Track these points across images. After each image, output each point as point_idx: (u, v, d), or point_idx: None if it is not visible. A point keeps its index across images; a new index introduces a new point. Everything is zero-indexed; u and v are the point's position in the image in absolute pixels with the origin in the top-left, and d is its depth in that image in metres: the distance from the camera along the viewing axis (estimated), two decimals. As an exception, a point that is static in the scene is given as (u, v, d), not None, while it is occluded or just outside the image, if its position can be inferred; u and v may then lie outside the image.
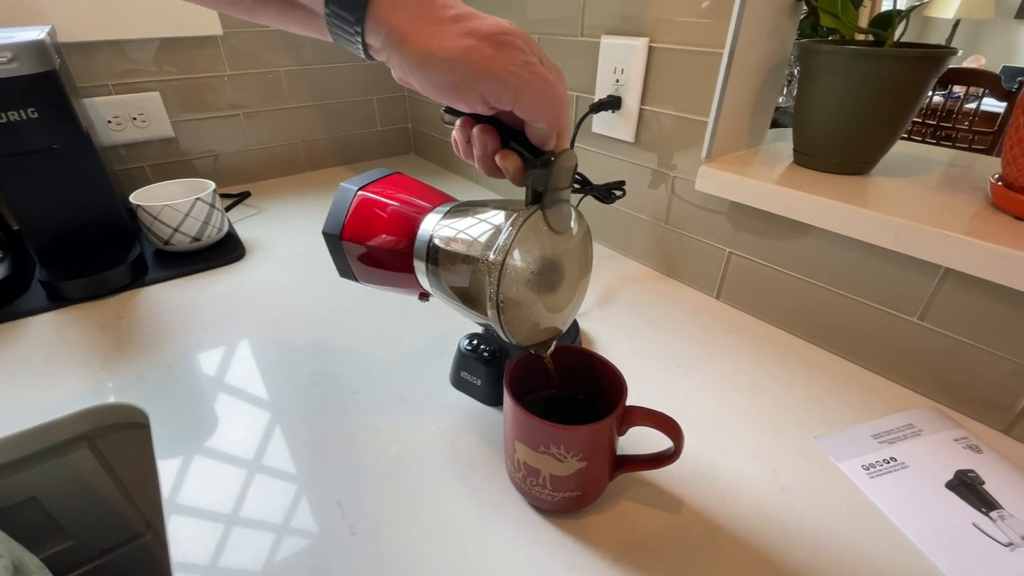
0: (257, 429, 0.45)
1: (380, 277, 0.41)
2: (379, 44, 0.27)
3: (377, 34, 0.27)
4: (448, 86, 0.27)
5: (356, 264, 0.41)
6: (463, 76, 0.27)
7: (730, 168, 0.54)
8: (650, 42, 0.59)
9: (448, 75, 0.27)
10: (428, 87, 0.28)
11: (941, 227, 0.41)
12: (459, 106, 0.29)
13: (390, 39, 0.27)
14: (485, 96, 0.27)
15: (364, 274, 0.42)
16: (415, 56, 0.27)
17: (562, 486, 0.34)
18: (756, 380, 0.50)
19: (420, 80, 0.28)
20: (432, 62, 0.27)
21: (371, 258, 0.40)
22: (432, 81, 0.28)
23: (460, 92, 0.28)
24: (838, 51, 0.48)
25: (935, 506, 0.37)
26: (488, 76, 0.27)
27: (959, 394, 0.46)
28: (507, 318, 0.31)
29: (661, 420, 0.34)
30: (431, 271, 0.37)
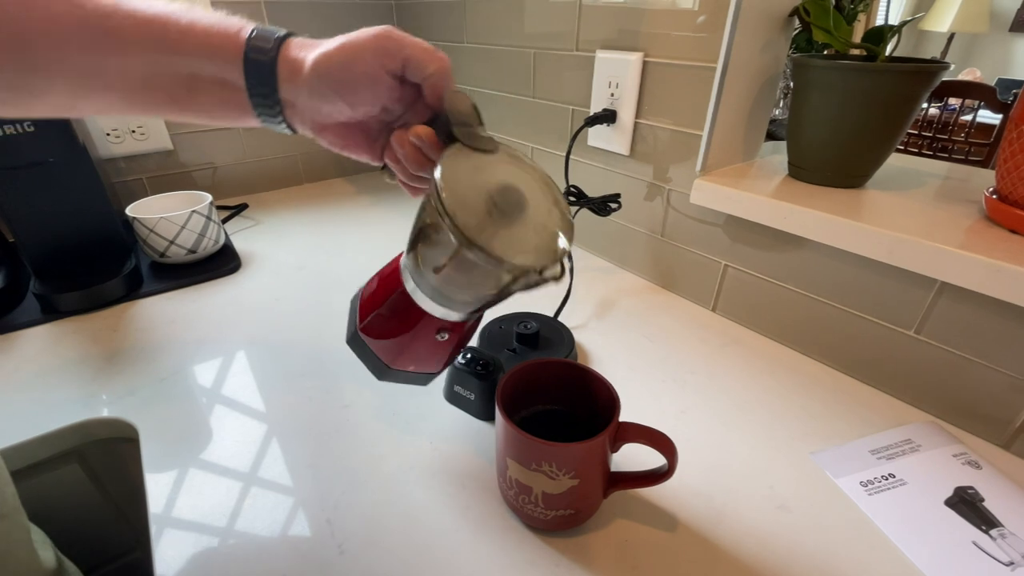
0: (248, 444, 0.44)
1: (404, 342, 0.37)
2: (289, 89, 0.32)
3: (286, 83, 0.31)
4: (347, 69, 0.31)
5: (382, 349, 0.37)
6: (355, 55, 0.31)
7: (725, 181, 0.54)
8: (644, 57, 0.59)
9: (343, 62, 0.31)
10: (334, 84, 0.31)
11: (935, 241, 0.41)
12: (365, 95, 0.32)
13: (294, 70, 0.31)
14: (380, 66, 0.31)
15: (392, 352, 0.37)
16: (314, 66, 0.31)
17: (555, 504, 0.34)
18: (752, 394, 0.50)
19: (327, 84, 0.31)
20: (329, 58, 0.31)
21: (383, 324, 0.36)
22: (335, 76, 0.31)
23: (358, 70, 0.31)
24: (830, 66, 0.48)
25: (934, 524, 0.36)
26: (374, 46, 0.31)
27: (957, 409, 0.46)
28: (482, 238, 0.28)
29: (654, 437, 0.33)
30: (415, 277, 0.34)
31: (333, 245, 0.81)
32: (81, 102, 0.32)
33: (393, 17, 1.04)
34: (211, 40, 0.31)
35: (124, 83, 0.31)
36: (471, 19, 0.84)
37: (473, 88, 0.90)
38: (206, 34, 0.31)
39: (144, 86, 0.31)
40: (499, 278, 0.30)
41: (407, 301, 0.35)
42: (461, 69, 0.91)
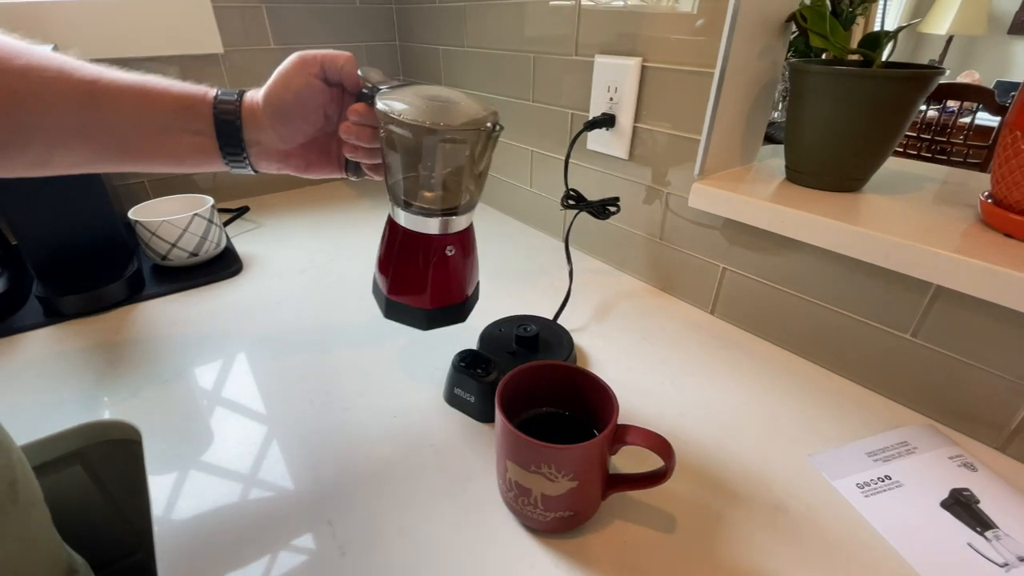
0: (249, 446, 0.45)
1: (425, 278, 0.43)
2: (252, 129, 0.39)
3: (249, 124, 0.39)
4: (288, 89, 0.38)
5: (413, 299, 0.44)
6: (287, 77, 0.38)
7: (723, 185, 0.55)
8: (643, 61, 0.60)
9: (283, 85, 0.38)
10: (284, 105, 0.38)
11: (931, 245, 0.41)
12: (308, 104, 0.39)
13: (253, 111, 0.38)
14: (307, 76, 0.38)
15: (421, 295, 0.43)
16: (266, 98, 0.38)
17: (554, 506, 0.34)
18: (750, 397, 0.50)
19: (279, 107, 0.38)
20: (272, 88, 0.38)
21: (401, 275, 0.43)
22: (282, 98, 0.38)
23: (295, 86, 0.38)
24: (826, 71, 0.49)
25: (930, 526, 0.37)
26: (296, 65, 0.38)
27: (953, 411, 0.46)
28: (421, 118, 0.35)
29: (652, 439, 0.33)
30: (397, 203, 0.40)
31: (334, 248, 0.81)
32: (57, 157, 0.36)
33: (394, 22, 1.05)
34: (184, 100, 0.37)
35: (102, 138, 0.36)
36: (471, 24, 0.84)
37: (473, 92, 0.90)
38: (179, 95, 0.37)
39: (119, 140, 0.36)
40: (460, 145, 0.37)
41: (407, 240, 0.41)
42: (461, 73, 0.92)
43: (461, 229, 0.42)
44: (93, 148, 0.36)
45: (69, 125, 0.34)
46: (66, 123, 0.34)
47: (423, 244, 0.41)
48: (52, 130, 0.34)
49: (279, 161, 0.42)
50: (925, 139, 2.25)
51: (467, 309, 0.46)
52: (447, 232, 0.40)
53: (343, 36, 1.01)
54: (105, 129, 0.36)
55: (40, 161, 0.36)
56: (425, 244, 0.41)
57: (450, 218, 0.40)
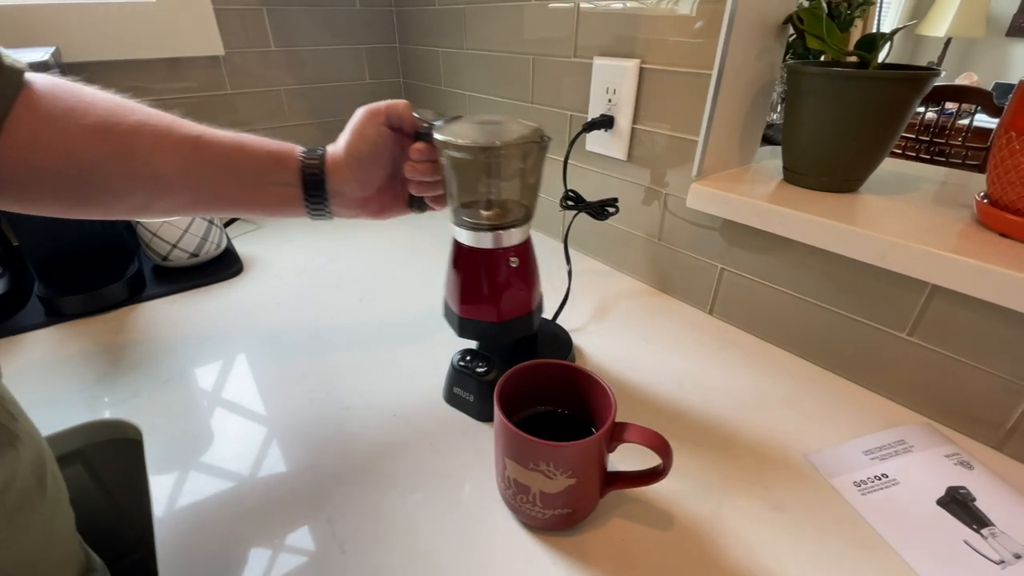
0: (250, 445, 0.45)
1: (496, 291, 0.46)
2: (335, 180, 0.43)
3: (333, 176, 0.43)
4: (364, 140, 0.42)
5: (485, 312, 0.47)
6: (361, 130, 0.42)
7: (720, 186, 0.55)
8: (641, 63, 0.60)
9: (359, 137, 0.42)
10: (364, 155, 0.43)
11: (927, 244, 0.42)
12: (382, 151, 0.43)
13: (336, 164, 0.43)
14: (376, 125, 0.42)
15: (493, 308, 0.46)
16: (347, 151, 0.42)
17: (552, 503, 0.34)
18: (748, 396, 0.50)
19: (361, 157, 0.43)
20: (351, 142, 0.42)
21: (473, 295, 0.46)
22: (361, 150, 0.42)
23: (370, 137, 0.42)
24: (822, 73, 0.49)
25: (927, 523, 0.37)
26: (366, 118, 0.42)
27: (950, 410, 0.46)
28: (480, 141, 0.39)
29: (650, 437, 0.34)
30: (463, 227, 0.44)
31: (334, 249, 0.82)
32: (158, 202, 0.39)
33: (394, 24, 1.06)
34: (274, 155, 0.42)
35: (200, 187, 0.40)
36: (471, 26, 0.85)
37: (472, 93, 0.91)
38: (270, 151, 0.42)
39: (213, 189, 0.40)
40: (514, 159, 0.41)
41: (474, 258, 0.44)
42: (461, 75, 0.92)
43: (522, 241, 0.45)
44: (192, 196, 0.40)
45: (173, 175, 0.38)
46: (171, 173, 0.38)
47: (489, 259, 0.44)
48: (158, 179, 0.38)
49: (357, 208, 0.46)
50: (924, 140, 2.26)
51: (535, 319, 0.49)
52: (509, 245, 0.44)
53: (344, 39, 1.01)
54: (204, 180, 0.39)
55: (142, 206, 0.39)
56: (490, 259, 0.44)
57: (511, 231, 0.43)
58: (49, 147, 0.34)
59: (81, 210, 0.38)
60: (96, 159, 0.35)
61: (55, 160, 0.34)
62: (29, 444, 0.32)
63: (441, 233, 0.57)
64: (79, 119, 0.34)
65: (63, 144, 0.34)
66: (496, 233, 0.43)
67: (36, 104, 0.33)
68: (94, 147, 0.35)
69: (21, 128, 0.33)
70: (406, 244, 0.84)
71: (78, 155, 0.35)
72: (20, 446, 0.31)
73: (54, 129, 0.34)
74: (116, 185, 0.37)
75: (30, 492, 0.31)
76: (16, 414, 0.33)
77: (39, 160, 0.34)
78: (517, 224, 0.44)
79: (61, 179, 0.35)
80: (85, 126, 0.35)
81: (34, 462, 0.32)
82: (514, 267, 0.45)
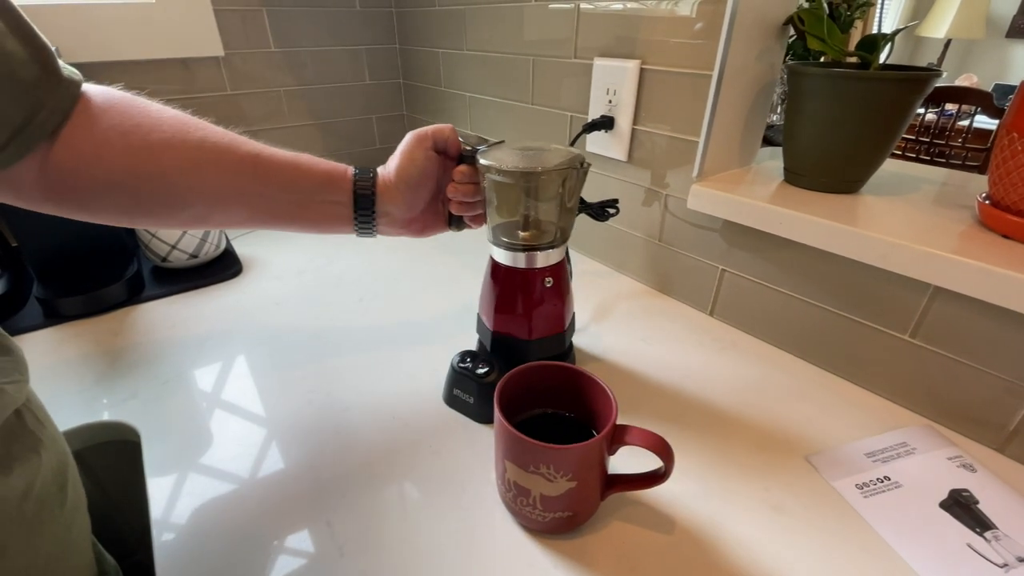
0: (249, 447, 0.45)
1: (528, 309, 0.48)
2: (384, 202, 0.45)
3: (383, 198, 0.45)
4: (414, 164, 0.44)
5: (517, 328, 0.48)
6: (411, 154, 0.44)
7: (721, 187, 0.55)
8: (641, 64, 0.60)
9: (409, 160, 0.44)
10: (414, 178, 0.45)
11: (929, 246, 0.41)
12: (430, 173, 0.45)
13: (387, 186, 0.45)
14: (424, 150, 0.44)
15: (525, 325, 0.48)
16: (398, 173, 0.44)
17: (553, 506, 0.34)
18: (749, 398, 0.50)
19: (410, 180, 0.45)
20: (402, 166, 0.44)
21: (507, 310, 0.48)
22: (411, 174, 0.44)
23: (419, 160, 0.44)
24: (823, 74, 0.49)
25: (930, 526, 0.37)
26: (415, 143, 0.44)
27: (952, 412, 0.46)
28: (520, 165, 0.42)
29: (651, 440, 0.33)
30: (501, 246, 0.46)
31: (334, 250, 0.82)
32: (215, 216, 0.41)
33: (394, 25, 1.05)
34: (328, 175, 0.43)
35: (256, 203, 0.41)
36: (471, 27, 0.85)
37: (472, 94, 0.91)
38: (324, 171, 0.43)
39: (269, 205, 0.42)
40: (555, 183, 0.43)
41: (511, 277, 0.46)
42: (461, 76, 0.92)
43: (557, 262, 0.46)
44: (248, 212, 0.41)
45: (231, 191, 0.40)
46: (229, 189, 0.40)
47: (523, 278, 0.46)
48: (217, 194, 0.39)
49: (402, 227, 0.48)
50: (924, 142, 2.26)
51: (567, 337, 0.51)
52: (545, 265, 0.46)
53: (343, 40, 1.01)
54: (261, 197, 0.41)
55: (199, 217, 0.41)
56: (524, 278, 0.46)
57: (547, 252, 0.45)
58: (114, 160, 0.35)
59: (141, 220, 0.40)
60: (159, 173, 0.36)
61: (119, 173, 0.35)
62: (52, 450, 0.32)
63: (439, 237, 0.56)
64: (145, 135, 0.36)
65: (128, 158, 0.35)
66: (532, 254, 0.45)
67: (98, 116, 0.34)
68: (158, 163, 0.36)
69: (85, 140, 0.34)
70: (405, 246, 0.83)
71: (142, 169, 0.36)
72: (44, 452, 0.31)
73: (120, 143, 0.35)
74: (176, 199, 0.38)
75: (50, 500, 0.31)
76: (43, 419, 0.32)
77: (104, 173, 0.35)
78: (554, 245, 0.46)
79: (124, 191, 0.36)
80: (151, 142, 0.36)
81: (56, 469, 0.32)
82: (548, 287, 0.47)
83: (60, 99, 0.33)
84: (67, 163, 0.34)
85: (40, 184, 0.34)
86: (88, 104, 0.34)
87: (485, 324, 0.50)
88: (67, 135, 0.33)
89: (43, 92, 0.32)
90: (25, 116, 0.31)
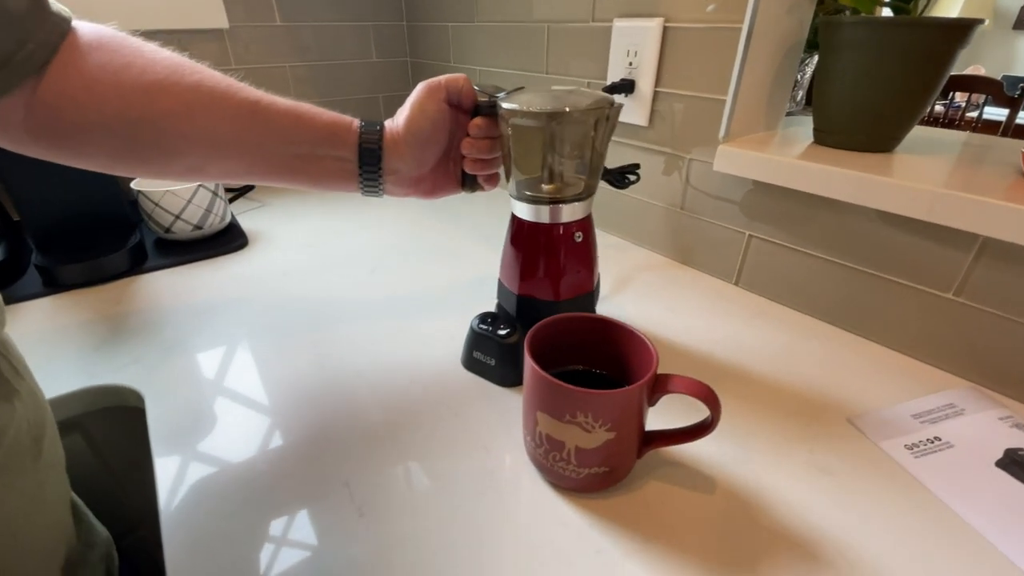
0: (259, 412, 0.42)
1: (561, 267, 0.44)
2: (393, 158, 0.41)
3: (391, 154, 0.41)
4: (425, 117, 0.41)
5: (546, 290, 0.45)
6: (421, 106, 0.41)
7: (749, 147, 0.53)
8: (665, 22, 0.58)
9: (420, 113, 0.41)
10: (425, 132, 0.41)
11: (979, 194, 0.39)
12: (441, 126, 0.42)
13: (395, 141, 0.41)
14: (436, 101, 0.41)
15: (555, 285, 0.44)
16: (407, 127, 0.41)
17: (588, 460, 0.32)
18: (781, 365, 0.48)
19: (421, 134, 0.41)
20: (412, 119, 0.41)
21: (537, 270, 0.44)
22: (422, 127, 0.41)
23: (431, 112, 0.41)
24: (861, 21, 0.47)
25: (987, 485, 0.35)
26: (426, 94, 0.41)
27: (999, 373, 0.44)
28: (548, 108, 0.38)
29: (695, 387, 0.31)
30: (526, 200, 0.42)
31: (341, 224, 0.79)
32: (211, 166, 0.38)
33: (402, 1, 1.03)
34: (331, 127, 0.40)
35: (254, 153, 0.38)
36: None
37: (483, 68, 0.89)
38: (328, 122, 0.40)
39: (268, 157, 0.39)
40: (584, 127, 0.40)
41: (535, 233, 0.43)
42: (472, 50, 0.90)
43: (584, 216, 0.43)
44: (246, 162, 0.39)
45: (228, 139, 0.37)
46: (226, 137, 0.37)
47: (552, 234, 0.43)
48: (213, 142, 0.37)
49: (410, 187, 0.45)
50: (932, 132, 2.23)
51: (595, 298, 0.48)
52: (572, 219, 0.42)
53: (350, 15, 0.99)
54: (259, 147, 0.38)
55: (195, 167, 0.38)
56: (552, 234, 0.43)
57: (573, 205, 0.42)
58: (104, 100, 0.33)
59: (136, 167, 0.37)
60: (152, 117, 0.34)
61: (109, 114, 0.33)
62: (30, 404, 0.30)
63: (447, 207, 0.54)
64: (137, 75, 0.34)
65: (119, 99, 0.33)
66: (558, 207, 0.42)
67: (87, 54, 0.33)
68: (150, 105, 0.34)
69: (74, 77, 0.32)
70: (414, 219, 0.81)
71: (134, 111, 0.34)
72: (18, 402, 0.29)
73: (111, 83, 0.33)
74: (170, 145, 0.36)
75: (22, 453, 0.29)
76: (21, 371, 0.31)
77: (94, 114, 0.33)
78: (581, 198, 0.42)
79: (114, 134, 0.34)
80: (144, 83, 0.34)
81: (32, 422, 0.30)
82: (578, 242, 0.43)
83: (48, 32, 0.31)
84: (55, 101, 0.32)
85: (27, 123, 0.33)
86: (77, 40, 0.33)
87: (508, 288, 0.47)
88: (55, 71, 0.31)
89: (32, 24, 0.30)
90: (11, 48, 0.29)
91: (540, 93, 0.40)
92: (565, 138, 0.41)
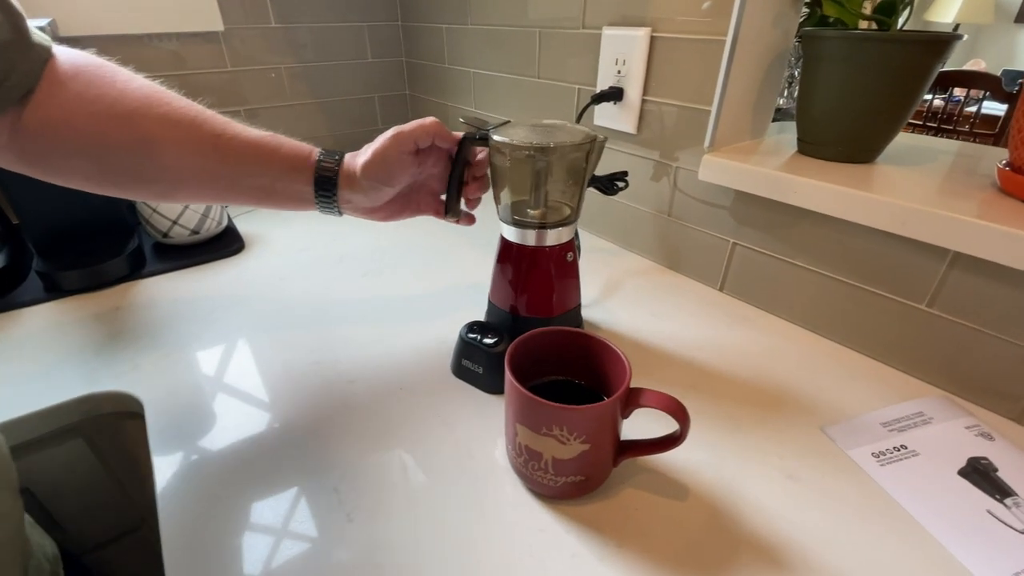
0: (254, 417, 0.44)
1: (551, 286, 0.47)
2: (347, 193, 0.43)
3: (345, 189, 0.43)
4: (384, 165, 0.42)
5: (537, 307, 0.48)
6: (384, 154, 0.42)
7: (733, 157, 0.54)
8: (652, 32, 0.59)
9: (379, 161, 0.42)
10: (380, 178, 0.43)
11: (950, 211, 0.40)
12: (400, 176, 0.43)
13: (351, 179, 0.43)
14: (399, 153, 0.42)
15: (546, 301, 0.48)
16: (363, 171, 0.42)
17: (564, 470, 0.34)
18: (761, 371, 0.49)
19: (375, 180, 0.42)
20: (370, 163, 0.42)
21: (534, 289, 0.47)
22: (377, 173, 0.42)
23: (391, 161, 0.42)
24: (842, 36, 0.48)
25: (949, 493, 0.36)
26: (393, 143, 0.42)
27: (969, 383, 0.45)
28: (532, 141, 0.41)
29: (666, 401, 0.33)
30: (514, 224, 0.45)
31: (335, 227, 0.80)
32: (181, 192, 0.41)
33: (396, 1, 1.03)
34: (292, 160, 0.42)
35: (219, 183, 0.41)
36: (475, 1, 0.83)
37: (477, 70, 0.89)
38: (288, 155, 0.42)
39: (231, 187, 0.41)
40: (572, 160, 0.42)
41: (522, 256, 0.46)
42: (465, 52, 0.91)
43: (569, 239, 0.46)
44: (212, 189, 0.41)
45: (194, 170, 0.39)
46: (191, 168, 0.39)
47: (539, 255, 0.46)
48: (181, 171, 0.39)
49: (364, 215, 0.47)
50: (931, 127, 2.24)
51: (580, 314, 0.52)
52: (557, 243, 0.45)
53: (344, 16, 0.99)
54: (224, 177, 0.41)
55: (166, 193, 0.41)
56: (540, 257, 0.46)
57: (559, 229, 0.44)
58: (80, 128, 0.35)
59: (111, 189, 0.39)
60: (121, 147, 0.36)
61: (86, 142, 0.35)
62: None
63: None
64: (109, 106, 0.35)
65: (92, 127, 0.35)
66: (544, 231, 0.44)
67: (64, 83, 0.34)
68: (119, 135, 0.36)
69: (54, 105, 0.34)
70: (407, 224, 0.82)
71: (108, 140, 0.36)
72: None
73: (86, 112, 0.35)
74: (141, 172, 0.38)
75: None
76: None
77: (72, 140, 0.35)
78: (566, 222, 0.45)
79: (90, 159, 0.36)
80: (115, 114, 0.36)
81: None
82: (568, 262, 0.47)
83: (32, 62, 0.33)
84: (37, 128, 0.34)
85: (12, 147, 0.35)
86: (56, 69, 0.34)
87: (497, 307, 0.49)
88: (37, 99, 0.33)
89: (15, 54, 0.32)
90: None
91: (528, 128, 0.43)
92: (553, 170, 0.44)
